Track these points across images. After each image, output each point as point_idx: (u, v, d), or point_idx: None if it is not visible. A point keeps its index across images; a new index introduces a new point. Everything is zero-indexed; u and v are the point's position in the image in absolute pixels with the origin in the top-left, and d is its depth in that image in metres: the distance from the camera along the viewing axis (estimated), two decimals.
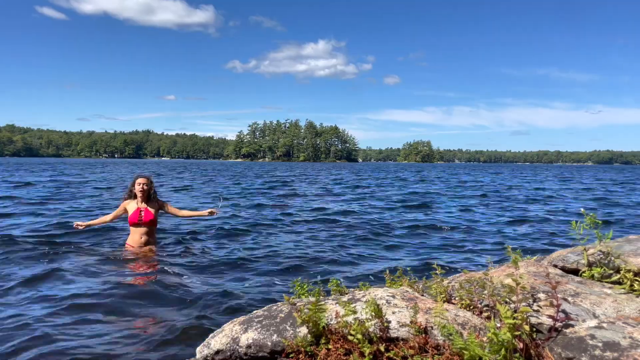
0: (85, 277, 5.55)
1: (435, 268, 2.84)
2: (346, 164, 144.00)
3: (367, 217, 11.77)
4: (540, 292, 2.37)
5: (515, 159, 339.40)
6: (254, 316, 2.47)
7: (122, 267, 6.00)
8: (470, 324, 2.19)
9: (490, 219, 11.85)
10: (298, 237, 8.78)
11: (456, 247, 8.06)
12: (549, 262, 3.04)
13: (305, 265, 6.42)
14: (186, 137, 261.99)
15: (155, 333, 3.88)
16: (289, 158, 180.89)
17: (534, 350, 1.97)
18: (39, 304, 4.53)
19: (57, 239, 7.73)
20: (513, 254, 2.67)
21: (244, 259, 6.69)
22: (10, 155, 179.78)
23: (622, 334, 1.88)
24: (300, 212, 12.74)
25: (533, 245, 8.26)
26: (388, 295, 2.46)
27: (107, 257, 6.45)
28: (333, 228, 9.95)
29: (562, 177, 45.17)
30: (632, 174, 59.13)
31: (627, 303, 2.31)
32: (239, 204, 14.50)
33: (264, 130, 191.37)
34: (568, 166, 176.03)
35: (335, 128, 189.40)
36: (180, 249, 7.14)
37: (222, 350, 2.30)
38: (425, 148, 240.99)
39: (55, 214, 11.12)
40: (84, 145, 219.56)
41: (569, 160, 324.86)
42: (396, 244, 8.26)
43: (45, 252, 6.68)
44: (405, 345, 2.08)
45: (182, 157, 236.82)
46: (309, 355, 2.12)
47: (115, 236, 8.12)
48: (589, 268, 2.74)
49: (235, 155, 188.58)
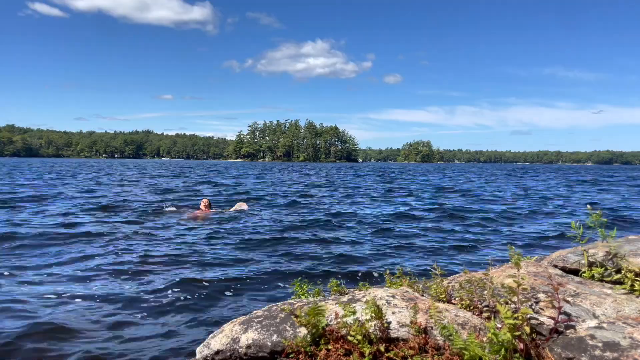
0: (87, 276, 5.55)
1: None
2: (346, 164, 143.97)
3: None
4: (541, 292, 2.37)
5: (515, 159, 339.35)
6: (254, 316, 2.46)
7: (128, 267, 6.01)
8: (470, 324, 2.18)
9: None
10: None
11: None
12: (549, 262, 3.04)
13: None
14: (186, 137, 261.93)
15: (155, 333, 3.88)
16: (288, 158, 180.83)
17: (534, 351, 1.97)
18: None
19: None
20: (514, 254, 2.66)
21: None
22: (10, 156, 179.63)
23: (622, 334, 1.88)
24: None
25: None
26: (388, 295, 2.46)
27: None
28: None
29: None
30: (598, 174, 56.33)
31: (627, 303, 2.31)
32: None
33: (264, 130, 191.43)
34: (567, 166, 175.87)
35: (335, 128, 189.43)
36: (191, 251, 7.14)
37: (222, 351, 2.29)
38: (425, 148, 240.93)
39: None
40: (84, 146, 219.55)
41: (568, 160, 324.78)
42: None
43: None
44: (405, 345, 2.07)
45: (182, 157, 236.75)
46: (308, 355, 2.11)
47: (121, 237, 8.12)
48: (589, 268, 2.74)
49: (235, 155, 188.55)
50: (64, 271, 5.78)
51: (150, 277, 5.57)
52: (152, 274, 5.74)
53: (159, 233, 8.66)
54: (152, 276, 5.62)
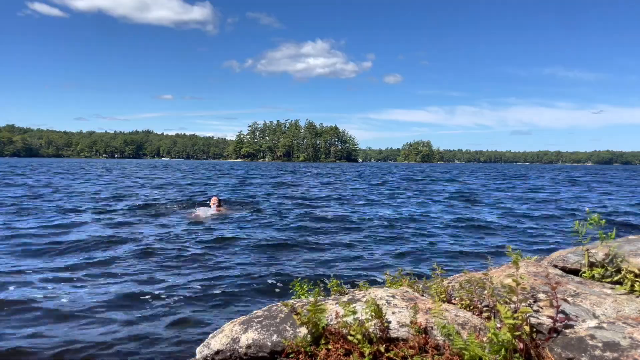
0: (91, 276, 5.55)
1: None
2: (346, 164, 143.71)
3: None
4: (540, 292, 2.37)
5: (515, 159, 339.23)
6: (254, 316, 2.47)
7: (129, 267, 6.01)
8: (470, 324, 2.18)
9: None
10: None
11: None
12: (549, 262, 3.04)
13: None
14: (186, 137, 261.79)
15: (155, 333, 3.88)
16: (288, 158, 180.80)
17: (534, 351, 1.97)
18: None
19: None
20: (513, 254, 2.67)
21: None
22: (10, 156, 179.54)
23: (622, 334, 1.88)
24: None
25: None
26: (388, 295, 2.46)
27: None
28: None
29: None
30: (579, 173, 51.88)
31: (627, 303, 2.31)
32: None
33: (264, 130, 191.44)
34: (567, 166, 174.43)
35: (335, 128, 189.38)
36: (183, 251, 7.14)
37: (222, 351, 2.29)
38: (425, 148, 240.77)
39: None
40: (84, 146, 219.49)
41: (568, 160, 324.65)
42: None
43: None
44: (405, 345, 2.07)
45: (182, 157, 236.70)
46: (308, 355, 2.11)
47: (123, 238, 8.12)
48: (589, 268, 2.74)
49: (235, 155, 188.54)
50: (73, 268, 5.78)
51: (150, 277, 5.56)
52: (152, 273, 5.74)
53: (162, 231, 8.66)
54: (152, 276, 5.61)
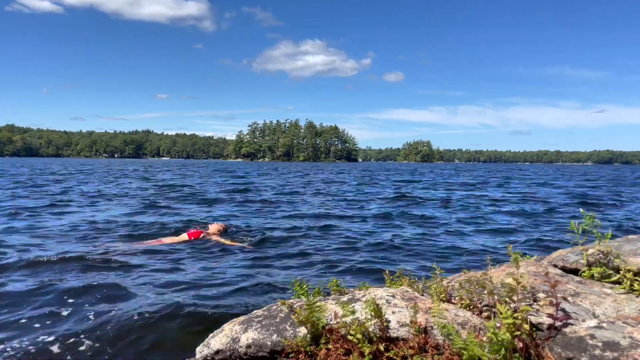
0: (90, 275, 5.55)
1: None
2: (347, 164, 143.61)
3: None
4: (540, 291, 2.37)
5: (515, 158, 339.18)
6: (253, 316, 2.47)
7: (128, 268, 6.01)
8: (470, 324, 2.19)
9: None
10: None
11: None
12: (548, 262, 3.04)
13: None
14: (186, 137, 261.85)
15: (155, 333, 3.88)
16: (288, 158, 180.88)
17: (534, 350, 1.97)
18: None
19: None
20: (513, 254, 2.67)
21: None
22: (10, 155, 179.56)
23: (622, 333, 1.88)
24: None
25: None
26: (388, 295, 2.46)
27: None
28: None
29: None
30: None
31: (626, 303, 2.31)
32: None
33: (264, 130, 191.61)
34: (567, 166, 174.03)
35: (335, 128, 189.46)
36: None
37: (222, 350, 2.30)
38: (425, 148, 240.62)
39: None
40: (83, 145, 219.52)
41: (568, 160, 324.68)
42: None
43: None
44: (405, 345, 2.07)
45: (182, 157, 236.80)
46: (308, 355, 2.11)
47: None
48: (589, 268, 2.74)
49: (235, 155, 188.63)
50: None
51: (151, 277, 5.57)
52: (153, 273, 5.74)
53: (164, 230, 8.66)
54: (153, 276, 5.62)
